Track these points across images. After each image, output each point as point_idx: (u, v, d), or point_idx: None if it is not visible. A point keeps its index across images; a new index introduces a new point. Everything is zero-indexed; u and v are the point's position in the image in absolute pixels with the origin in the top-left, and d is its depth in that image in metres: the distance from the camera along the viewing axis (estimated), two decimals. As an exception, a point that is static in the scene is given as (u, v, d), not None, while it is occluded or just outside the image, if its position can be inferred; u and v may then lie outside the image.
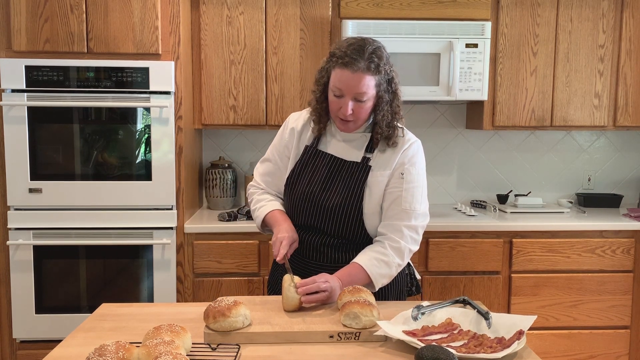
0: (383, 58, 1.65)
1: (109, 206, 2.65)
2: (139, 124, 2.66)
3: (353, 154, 1.75)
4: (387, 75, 1.67)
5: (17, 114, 2.59)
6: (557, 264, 2.82)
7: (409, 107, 3.36)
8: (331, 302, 1.58)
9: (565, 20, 2.99)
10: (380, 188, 1.72)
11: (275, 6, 2.89)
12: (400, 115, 1.73)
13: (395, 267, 1.70)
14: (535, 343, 2.83)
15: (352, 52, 1.62)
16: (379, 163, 1.73)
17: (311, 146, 1.80)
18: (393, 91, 1.70)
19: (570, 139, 3.45)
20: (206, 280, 2.74)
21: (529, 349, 1.33)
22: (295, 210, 1.79)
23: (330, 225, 1.73)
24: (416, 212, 1.71)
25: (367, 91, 1.63)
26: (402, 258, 1.70)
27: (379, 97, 1.67)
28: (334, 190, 1.72)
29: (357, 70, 1.61)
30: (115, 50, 2.60)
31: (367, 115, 1.70)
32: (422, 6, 2.90)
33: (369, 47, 1.64)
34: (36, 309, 2.67)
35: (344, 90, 1.64)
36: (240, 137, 3.32)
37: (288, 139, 1.85)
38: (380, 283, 1.69)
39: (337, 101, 1.67)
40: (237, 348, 1.31)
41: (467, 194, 3.44)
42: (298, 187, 1.77)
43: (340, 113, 1.68)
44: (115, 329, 1.45)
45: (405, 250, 1.70)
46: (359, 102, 1.65)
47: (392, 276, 1.71)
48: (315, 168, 1.77)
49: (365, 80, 1.62)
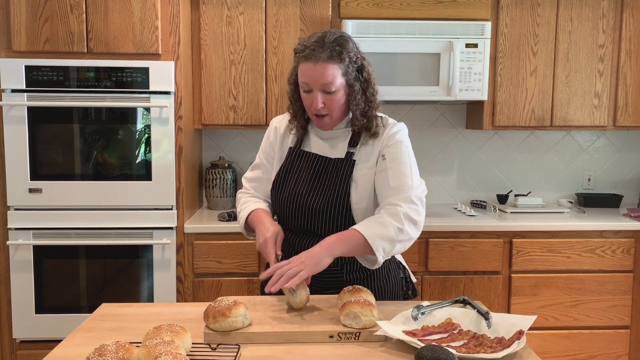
0: (346, 46, 1.62)
1: (109, 206, 2.66)
2: (139, 124, 2.66)
3: (337, 151, 1.73)
4: (355, 63, 1.64)
5: (17, 114, 2.59)
6: (557, 264, 2.82)
7: (409, 107, 3.36)
8: (318, 269, 1.50)
9: (565, 20, 2.99)
10: (367, 181, 1.68)
11: (275, 6, 2.89)
12: (376, 104, 1.69)
13: (394, 228, 1.54)
14: (535, 343, 2.83)
15: (312, 44, 1.60)
16: (363, 156, 1.70)
17: (295, 147, 1.79)
18: (365, 79, 1.67)
19: (570, 139, 3.45)
20: (206, 280, 2.74)
21: (529, 349, 1.33)
22: (284, 214, 1.76)
23: (320, 226, 1.70)
24: (407, 185, 1.62)
25: (333, 81, 1.60)
26: (400, 221, 1.56)
27: (349, 86, 1.64)
28: (321, 190, 1.69)
29: (318, 61, 1.59)
30: (115, 50, 2.60)
31: (339, 106, 1.66)
32: (422, 6, 2.90)
33: (329, 37, 1.61)
34: (36, 309, 2.67)
35: (311, 83, 1.62)
36: (240, 137, 3.32)
37: (272, 139, 1.84)
38: (381, 247, 1.54)
39: (307, 97, 1.66)
40: (237, 348, 1.31)
41: (467, 194, 3.45)
42: (284, 190, 1.74)
43: (312, 108, 1.66)
44: (115, 329, 1.45)
45: (401, 214, 1.56)
46: (329, 94, 1.63)
47: (392, 240, 1.55)
48: (300, 169, 1.75)
49: (328, 69, 1.59)
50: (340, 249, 1.54)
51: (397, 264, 1.85)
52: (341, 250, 1.54)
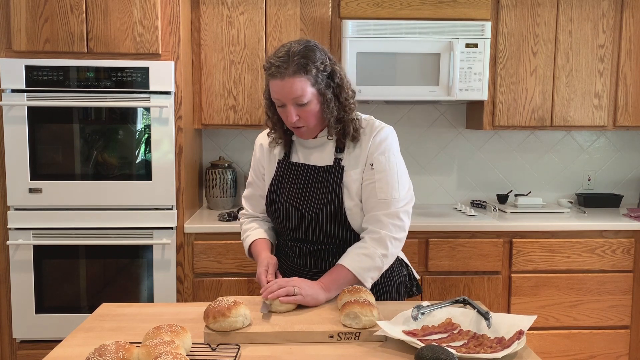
0: (311, 57, 1.61)
1: (108, 206, 2.66)
2: (139, 124, 2.66)
3: (325, 159, 1.73)
4: (324, 71, 1.63)
5: (17, 114, 2.59)
6: (557, 264, 2.82)
7: (409, 107, 3.36)
8: (312, 305, 1.56)
9: (565, 20, 2.99)
10: (357, 185, 1.69)
11: (275, 6, 2.89)
12: (350, 108, 1.69)
13: (379, 257, 1.63)
14: (535, 343, 2.83)
15: (277, 60, 1.61)
16: (352, 161, 1.71)
17: (283, 159, 1.80)
18: (338, 85, 1.67)
19: (570, 139, 3.45)
20: (206, 280, 2.74)
21: (529, 349, 1.33)
22: (281, 225, 1.79)
23: (317, 234, 1.72)
24: (394, 199, 1.66)
25: (303, 93, 1.61)
26: (385, 247, 1.64)
27: (321, 95, 1.64)
28: (313, 199, 1.70)
29: (285, 77, 1.59)
30: (115, 50, 2.60)
31: (314, 115, 1.66)
32: (422, 6, 2.90)
33: (293, 50, 1.61)
34: (36, 309, 2.67)
35: (282, 99, 1.63)
36: (240, 137, 3.32)
37: (259, 156, 1.87)
38: (369, 278, 1.63)
39: (282, 111, 1.67)
40: (237, 348, 1.31)
41: (467, 194, 3.45)
42: (278, 203, 1.76)
43: (288, 122, 1.68)
44: (115, 329, 1.45)
45: (386, 239, 1.63)
46: (302, 106, 1.63)
47: (379, 268, 1.65)
48: (291, 180, 1.76)
49: (296, 83, 1.59)
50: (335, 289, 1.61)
51: (400, 262, 1.86)
52: (335, 290, 1.61)
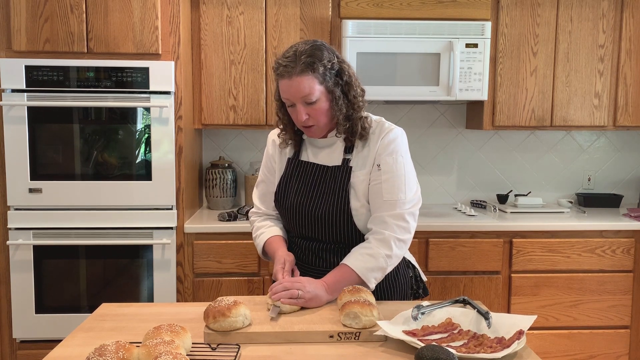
0: (318, 55, 1.62)
1: (109, 206, 2.66)
2: (139, 124, 2.66)
3: (334, 159, 1.74)
4: (332, 69, 1.64)
5: (17, 114, 2.59)
6: (557, 264, 2.82)
7: (409, 107, 3.36)
8: (314, 306, 1.56)
9: (565, 20, 2.99)
10: (364, 186, 1.70)
11: (275, 6, 2.89)
12: (359, 106, 1.70)
13: (383, 258, 1.62)
14: (535, 343, 2.83)
15: (285, 60, 1.63)
16: (359, 162, 1.71)
17: (293, 158, 1.81)
18: (346, 82, 1.68)
19: (570, 139, 3.45)
20: (206, 280, 2.74)
21: (529, 349, 1.33)
22: (289, 223, 1.81)
23: (323, 232, 1.73)
24: (400, 200, 1.65)
25: (311, 92, 1.62)
26: (389, 248, 1.63)
27: (330, 92, 1.65)
28: (321, 198, 1.71)
29: (292, 76, 1.61)
30: (115, 50, 2.60)
31: (324, 114, 1.67)
32: (422, 6, 2.90)
33: (300, 50, 1.63)
34: (36, 309, 2.67)
35: (291, 98, 1.65)
36: (240, 137, 3.32)
37: (272, 152, 1.88)
38: (373, 278, 1.63)
39: (292, 110, 1.68)
40: (237, 348, 1.31)
41: (467, 194, 3.45)
42: (286, 201, 1.77)
43: (298, 121, 1.68)
44: (115, 329, 1.45)
45: (390, 240, 1.63)
46: (311, 105, 1.64)
47: (383, 269, 1.64)
48: (300, 179, 1.77)
49: (304, 82, 1.61)
50: (338, 290, 1.60)
51: (407, 263, 1.85)
52: (338, 292, 1.60)
